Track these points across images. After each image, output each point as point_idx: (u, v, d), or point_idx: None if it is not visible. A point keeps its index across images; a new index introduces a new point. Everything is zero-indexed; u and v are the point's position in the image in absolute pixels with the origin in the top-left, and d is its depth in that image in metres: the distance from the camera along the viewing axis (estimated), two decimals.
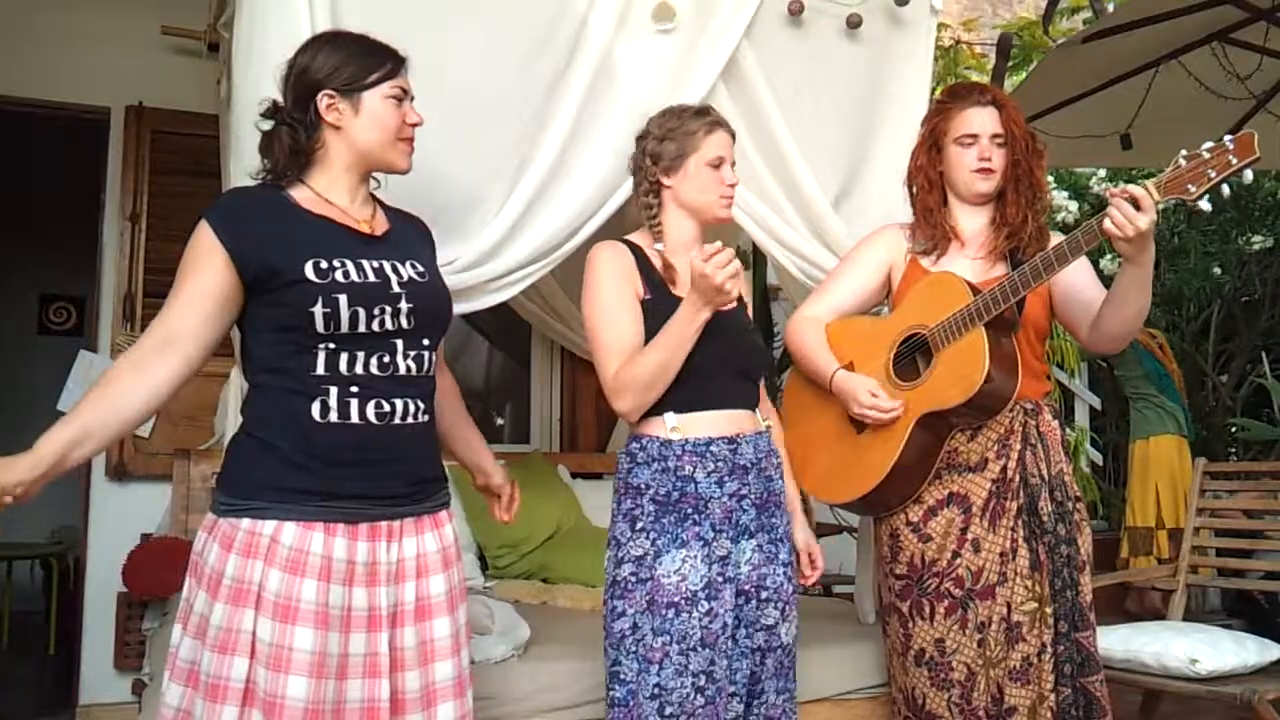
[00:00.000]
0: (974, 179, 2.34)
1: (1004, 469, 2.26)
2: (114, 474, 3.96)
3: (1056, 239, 2.24)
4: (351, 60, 1.82)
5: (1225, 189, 1.95)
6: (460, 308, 2.18)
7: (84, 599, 3.92)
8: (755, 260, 4.91)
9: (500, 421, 4.89)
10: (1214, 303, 6.42)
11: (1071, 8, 6.05)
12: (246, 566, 1.66)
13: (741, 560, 2.04)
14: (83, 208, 4.46)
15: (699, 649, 1.96)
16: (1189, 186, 1.96)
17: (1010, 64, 5.24)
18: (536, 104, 2.49)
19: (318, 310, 1.70)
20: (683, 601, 1.96)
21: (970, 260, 2.37)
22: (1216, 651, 2.74)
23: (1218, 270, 6.29)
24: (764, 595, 2.07)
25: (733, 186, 2.15)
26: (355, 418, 1.73)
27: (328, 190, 1.83)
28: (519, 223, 2.45)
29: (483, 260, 2.41)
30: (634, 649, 1.96)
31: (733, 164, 2.15)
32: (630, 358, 2.01)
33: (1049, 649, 2.19)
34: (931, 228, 2.39)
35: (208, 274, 1.72)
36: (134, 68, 4.05)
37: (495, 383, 4.91)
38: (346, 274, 1.73)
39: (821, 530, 4.77)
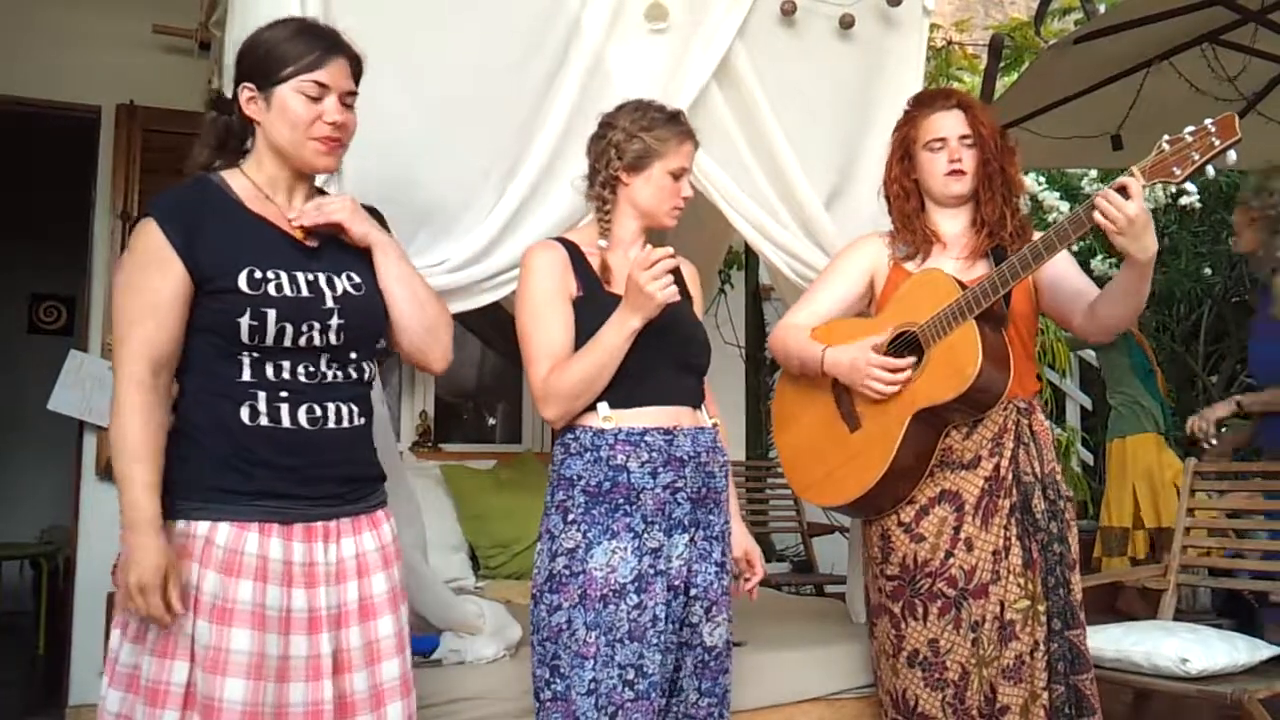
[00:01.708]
0: (947, 182, 2.36)
1: (997, 466, 2.27)
2: (104, 473, 3.93)
3: (1039, 236, 2.24)
4: (274, 50, 1.74)
5: (1210, 170, 1.96)
6: (452, 308, 2.18)
7: (74, 599, 3.90)
8: (747, 260, 4.93)
9: (492, 421, 4.87)
10: (1204, 303, 6.43)
11: (1063, 9, 6.06)
12: (182, 569, 1.64)
13: (673, 554, 1.99)
14: (73, 206, 4.44)
15: (626, 641, 1.92)
16: (1174, 169, 1.97)
17: (1002, 65, 5.25)
18: (529, 105, 2.49)
19: (244, 321, 1.67)
20: (611, 594, 1.93)
21: (953, 261, 2.38)
22: (1207, 651, 2.74)
23: (1208, 271, 6.30)
24: (692, 592, 2.02)
25: (686, 199, 2.13)
26: (286, 421, 1.71)
27: (268, 185, 1.79)
28: (510, 223, 2.45)
29: (474, 260, 2.41)
30: (569, 643, 1.93)
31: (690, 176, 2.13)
32: (561, 364, 1.99)
33: (1042, 647, 2.20)
34: (912, 234, 2.41)
35: (164, 281, 1.67)
36: (125, 66, 4.03)
37: (487, 382, 4.90)
38: (279, 287, 1.70)
39: (814, 530, 4.78)
